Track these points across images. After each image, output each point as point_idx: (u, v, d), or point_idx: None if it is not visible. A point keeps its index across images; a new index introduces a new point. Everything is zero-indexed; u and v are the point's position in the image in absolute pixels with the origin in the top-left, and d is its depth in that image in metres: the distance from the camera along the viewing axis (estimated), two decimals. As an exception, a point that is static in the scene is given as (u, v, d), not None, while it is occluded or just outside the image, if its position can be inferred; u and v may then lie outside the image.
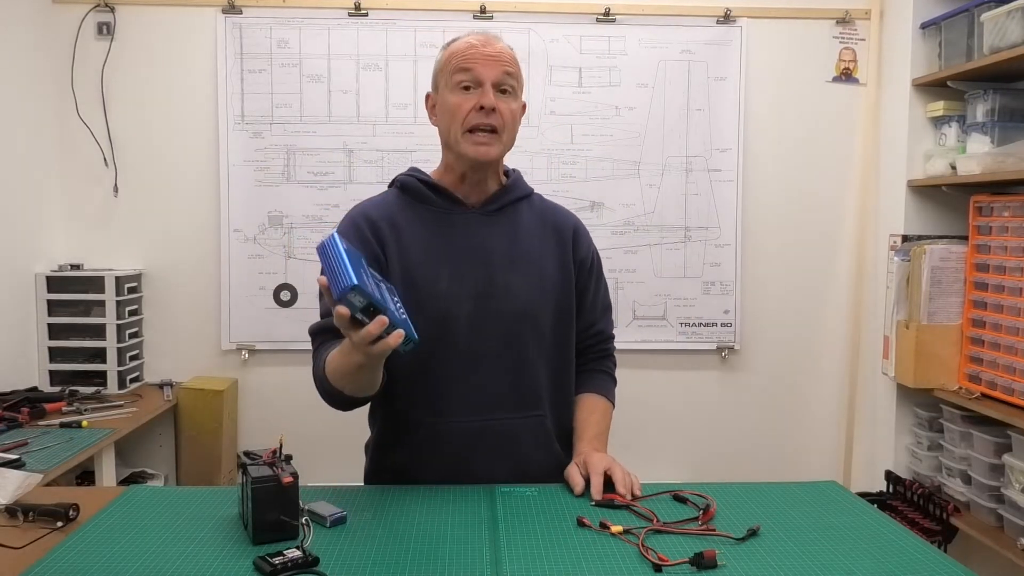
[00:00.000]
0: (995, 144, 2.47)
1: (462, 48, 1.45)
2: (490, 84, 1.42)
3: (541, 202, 1.60)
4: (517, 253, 1.49)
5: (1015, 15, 2.31)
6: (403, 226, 1.47)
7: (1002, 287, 2.42)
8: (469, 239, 1.47)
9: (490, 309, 1.45)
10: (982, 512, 2.43)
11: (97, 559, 1.12)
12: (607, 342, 1.65)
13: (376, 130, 2.95)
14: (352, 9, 2.91)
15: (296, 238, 2.96)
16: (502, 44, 1.47)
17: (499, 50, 1.45)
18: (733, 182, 3.02)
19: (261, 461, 1.21)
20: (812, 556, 1.16)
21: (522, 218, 1.53)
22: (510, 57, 1.46)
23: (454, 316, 1.43)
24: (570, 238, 1.56)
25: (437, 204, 1.49)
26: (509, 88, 1.45)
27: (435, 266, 1.44)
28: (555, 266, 1.52)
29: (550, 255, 1.52)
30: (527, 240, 1.51)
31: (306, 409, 2.95)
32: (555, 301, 1.51)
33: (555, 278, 1.51)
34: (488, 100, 1.41)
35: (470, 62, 1.43)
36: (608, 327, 1.65)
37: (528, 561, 1.14)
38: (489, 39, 1.46)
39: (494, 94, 1.42)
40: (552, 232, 1.54)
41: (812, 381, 3.14)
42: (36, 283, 2.79)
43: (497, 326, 1.45)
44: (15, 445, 2.12)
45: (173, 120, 2.95)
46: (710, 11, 2.97)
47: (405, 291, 1.39)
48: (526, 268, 1.48)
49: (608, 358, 1.66)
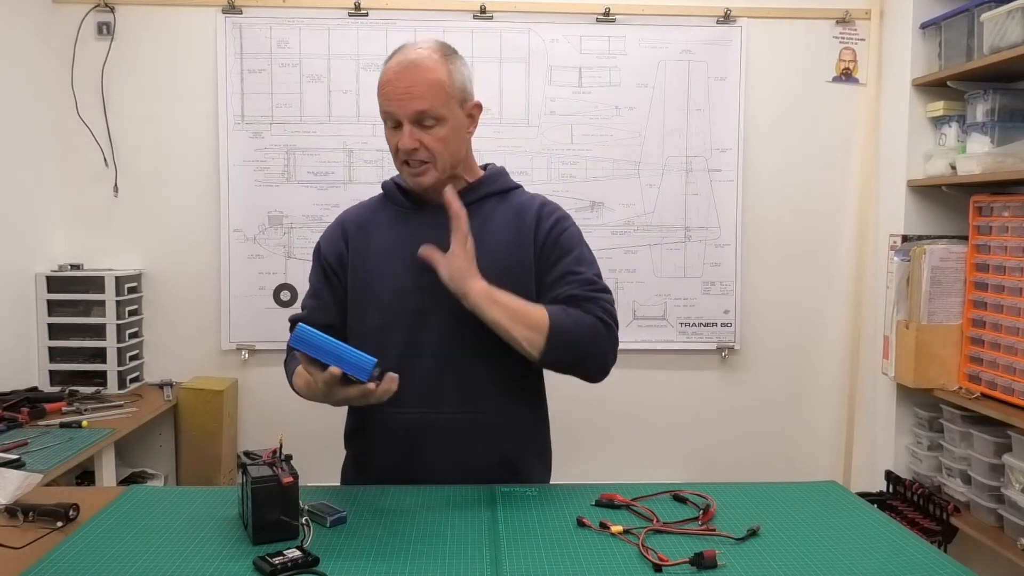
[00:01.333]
0: (995, 144, 2.47)
1: (383, 80, 1.46)
2: (407, 122, 1.43)
3: (519, 195, 1.58)
4: (475, 248, 1.46)
5: (1015, 15, 2.31)
6: (372, 226, 1.56)
7: (1002, 287, 2.42)
8: (428, 236, 1.47)
9: (435, 303, 1.46)
10: (982, 512, 2.43)
11: (97, 559, 1.13)
12: (584, 287, 1.46)
13: (376, 130, 2.95)
14: (352, 9, 2.91)
15: (296, 238, 2.96)
16: (420, 68, 1.42)
17: (415, 80, 1.41)
18: (733, 182, 3.02)
19: (261, 461, 1.21)
20: (812, 556, 1.17)
21: (493, 213, 1.53)
22: (427, 86, 1.41)
23: (399, 309, 1.48)
24: (532, 219, 1.52)
25: (406, 205, 1.55)
26: (431, 119, 1.43)
27: (391, 263, 1.50)
28: (512, 254, 1.49)
29: (508, 244, 1.50)
30: (490, 235, 1.50)
31: (306, 409, 2.93)
32: (508, 288, 1.45)
33: (511, 265, 1.48)
34: (405, 143, 1.44)
35: (387, 101, 1.45)
36: (585, 272, 1.48)
37: (528, 561, 1.14)
38: (404, 66, 1.43)
39: (413, 130, 1.43)
40: (516, 221, 1.52)
41: (812, 381, 3.14)
42: (36, 283, 2.79)
43: (441, 320, 1.47)
44: (15, 445, 2.12)
45: (173, 120, 2.95)
46: (710, 11, 2.97)
47: (359, 283, 1.53)
48: (483, 262, 1.45)
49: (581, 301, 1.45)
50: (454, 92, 1.46)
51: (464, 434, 1.48)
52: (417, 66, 1.43)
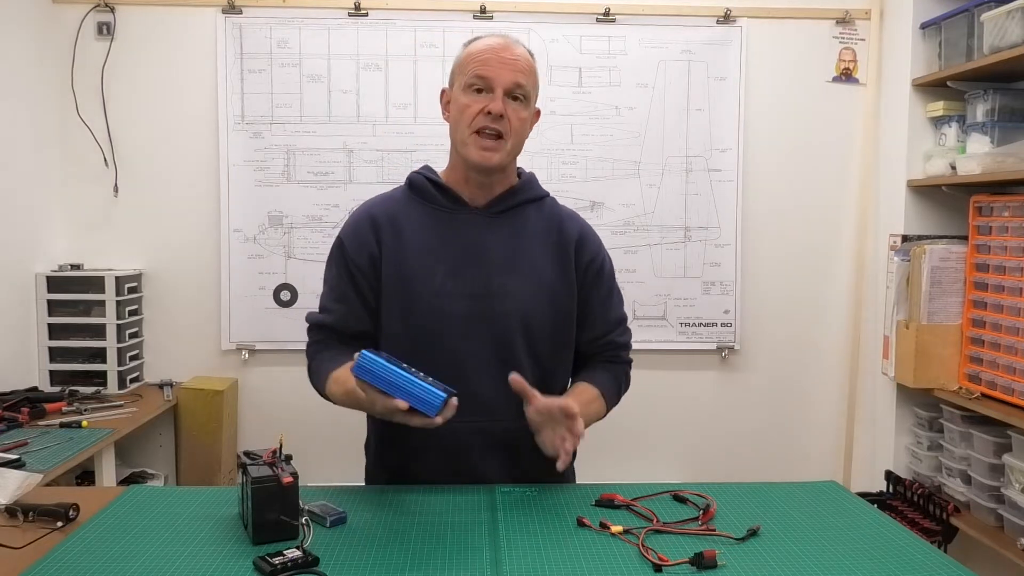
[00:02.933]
0: (995, 144, 2.47)
1: (479, 49, 1.44)
2: (501, 89, 1.41)
3: (552, 207, 1.58)
4: (517, 256, 1.48)
5: (1015, 15, 2.31)
6: (404, 224, 1.49)
7: (1002, 287, 2.42)
8: (469, 239, 1.46)
9: (484, 310, 1.44)
10: (982, 512, 2.43)
11: (97, 559, 1.13)
12: (620, 350, 1.60)
13: (376, 130, 2.95)
14: (352, 9, 2.91)
15: (296, 238, 2.96)
16: (521, 49, 1.46)
17: (516, 55, 1.44)
18: (733, 182, 3.02)
19: (261, 461, 1.21)
20: (812, 556, 1.17)
21: (528, 222, 1.52)
22: (526, 64, 1.45)
23: (447, 314, 1.44)
24: (573, 244, 1.53)
25: (441, 203, 1.50)
26: (521, 96, 1.44)
27: (431, 264, 1.45)
28: (555, 272, 1.50)
29: (551, 261, 1.50)
30: (529, 244, 1.50)
31: (306, 409, 2.95)
32: (552, 307, 1.49)
33: (554, 284, 1.49)
34: (496, 106, 1.41)
35: (485, 66, 1.42)
36: (622, 339, 1.60)
37: (528, 561, 1.14)
38: (509, 43, 1.45)
39: (504, 100, 1.42)
40: (556, 237, 1.52)
41: (812, 381, 3.13)
42: (36, 283, 2.79)
43: (490, 328, 1.45)
44: (15, 445, 2.12)
45: (173, 120, 2.95)
46: (710, 11, 2.97)
47: (398, 285, 1.45)
48: (525, 272, 1.47)
49: (618, 364, 1.60)
50: (537, 85, 1.50)
51: (519, 442, 1.44)
52: (519, 46, 1.47)
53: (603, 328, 1.56)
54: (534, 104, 1.50)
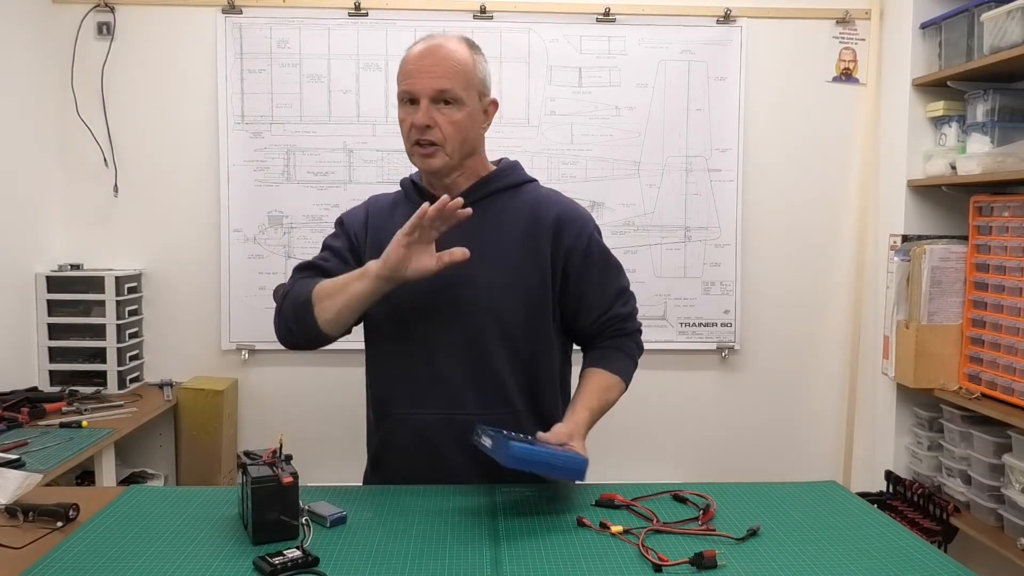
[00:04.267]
0: (995, 144, 2.47)
1: (405, 60, 1.47)
2: (426, 99, 1.43)
3: (533, 192, 1.58)
4: (485, 245, 1.47)
5: (1015, 15, 2.31)
6: (387, 222, 1.54)
7: (1002, 287, 2.42)
8: (442, 236, 1.46)
9: (450, 300, 1.46)
10: (982, 512, 2.43)
11: (97, 559, 1.13)
12: (624, 321, 1.59)
13: (376, 130, 2.95)
14: (352, 9, 2.90)
15: (296, 238, 2.96)
16: (448, 49, 1.45)
17: (437, 61, 1.44)
18: (733, 182, 3.02)
19: (261, 461, 1.21)
20: (812, 556, 1.17)
21: (500, 210, 1.52)
22: (452, 65, 1.44)
23: (411, 306, 1.47)
24: (549, 230, 1.52)
25: (417, 201, 1.51)
26: (451, 99, 1.44)
27: None
28: (527, 260, 1.50)
29: (523, 248, 1.50)
30: (499, 233, 1.50)
31: (306, 409, 2.96)
32: (525, 294, 1.49)
33: (526, 272, 1.49)
34: (418, 119, 1.43)
35: (408, 78, 1.45)
36: (625, 309, 1.59)
37: (528, 561, 1.14)
38: (432, 47, 1.45)
39: (431, 107, 1.43)
40: (530, 225, 1.52)
41: (812, 381, 3.13)
42: (36, 283, 2.79)
43: (456, 318, 1.47)
44: (15, 445, 2.12)
45: (173, 120, 2.95)
46: (710, 11, 2.97)
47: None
48: (492, 261, 1.47)
49: (624, 336, 1.59)
50: (475, 80, 1.48)
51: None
52: (443, 48, 1.46)
53: (603, 306, 1.56)
54: (475, 99, 1.48)
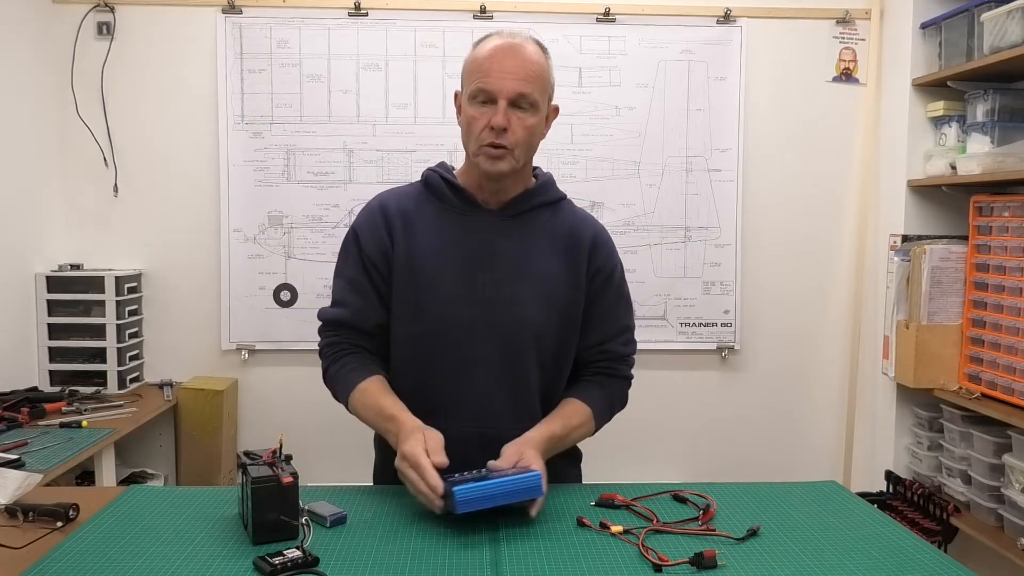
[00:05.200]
0: (995, 144, 2.47)
1: (483, 57, 1.41)
2: (504, 102, 1.39)
3: (569, 209, 1.56)
4: (529, 262, 1.46)
5: (1015, 15, 2.31)
6: (416, 221, 1.48)
7: (1002, 287, 2.42)
8: (481, 242, 1.45)
9: (492, 316, 1.43)
10: (982, 512, 2.43)
11: (97, 559, 1.13)
12: (618, 362, 1.55)
13: (376, 130, 2.95)
14: (352, 9, 2.90)
15: (296, 238, 2.96)
16: (527, 52, 1.42)
17: (519, 63, 1.40)
18: (733, 182, 3.02)
19: (261, 461, 1.21)
20: (812, 556, 1.17)
21: (541, 225, 1.50)
22: (532, 69, 1.40)
23: (455, 319, 1.43)
24: (586, 249, 1.50)
25: (454, 204, 1.49)
26: (526, 105, 1.41)
27: (442, 266, 1.44)
28: (565, 278, 1.48)
29: (563, 267, 1.48)
30: (541, 249, 1.48)
31: (306, 409, 2.96)
32: (561, 314, 1.48)
33: (564, 290, 1.48)
34: (498, 120, 1.38)
35: (487, 76, 1.39)
36: (624, 349, 1.56)
37: (528, 561, 1.14)
38: (513, 47, 1.41)
39: (508, 110, 1.39)
40: (569, 242, 1.50)
41: (812, 381, 3.13)
42: (36, 283, 2.79)
43: (497, 334, 1.44)
44: (15, 445, 2.12)
45: (173, 120, 2.95)
46: (710, 11, 2.97)
47: (408, 286, 1.44)
48: (535, 278, 1.46)
49: (616, 379, 1.56)
50: (549, 87, 1.46)
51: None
52: (523, 49, 1.42)
53: (603, 335, 1.53)
54: (546, 105, 1.46)
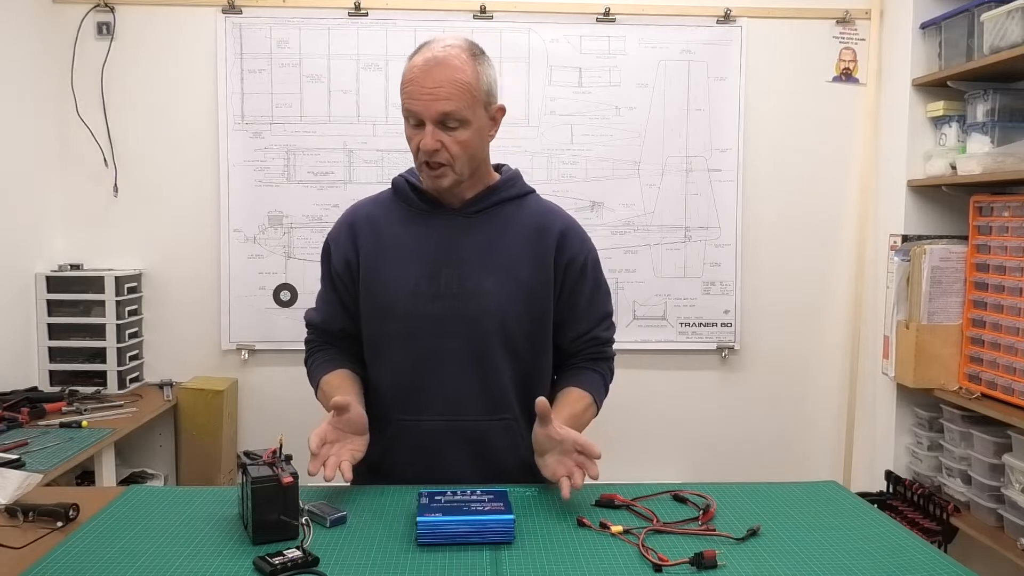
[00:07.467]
0: (995, 144, 2.47)
1: (407, 77, 1.41)
2: (430, 124, 1.39)
3: (536, 203, 1.57)
4: (493, 256, 1.48)
5: (1015, 15, 2.31)
6: (383, 225, 1.52)
7: (1002, 287, 2.42)
8: (445, 240, 1.48)
9: (458, 310, 1.45)
10: (982, 512, 2.43)
11: (97, 559, 1.12)
12: (603, 345, 1.60)
13: (376, 130, 2.95)
14: (352, 9, 2.90)
15: (296, 238, 2.96)
16: (450, 67, 1.38)
17: (440, 80, 1.37)
18: (733, 182, 3.02)
19: (261, 461, 1.21)
20: (812, 556, 1.16)
21: (506, 220, 1.51)
22: (453, 87, 1.37)
23: (421, 315, 1.46)
24: (554, 241, 1.51)
25: (418, 205, 1.52)
26: (453, 123, 1.39)
27: (406, 266, 1.48)
28: (532, 270, 1.49)
29: (529, 259, 1.49)
30: (506, 243, 1.49)
31: (306, 409, 2.93)
32: (528, 305, 1.49)
33: (531, 282, 1.49)
34: (426, 143, 1.39)
35: (411, 98, 1.40)
36: (606, 334, 1.60)
37: (528, 561, 1.14)
38: (438, 62, 1.38)
39: (436, 131, 1.39)
40: (535, 235, 1.51)
41: (812, 381, 3.14)
42: (36, 283, 2.79)
43: (463, 327, 1.46)
44: (15, 445, 2.12)
45: (173, 120, 2.95)
46: (710, 11, 2.97)
47: (376, 288, 1.49)
48: (500, 271, 1.47)
49: (603, 360, 1.61)
50: (480, 95, 1.41)
51: (487, 440, 1.48)
52: (445, 65, 1.38)
53: (588, 325, 1.57)
54: (481, 114, 1.43)
